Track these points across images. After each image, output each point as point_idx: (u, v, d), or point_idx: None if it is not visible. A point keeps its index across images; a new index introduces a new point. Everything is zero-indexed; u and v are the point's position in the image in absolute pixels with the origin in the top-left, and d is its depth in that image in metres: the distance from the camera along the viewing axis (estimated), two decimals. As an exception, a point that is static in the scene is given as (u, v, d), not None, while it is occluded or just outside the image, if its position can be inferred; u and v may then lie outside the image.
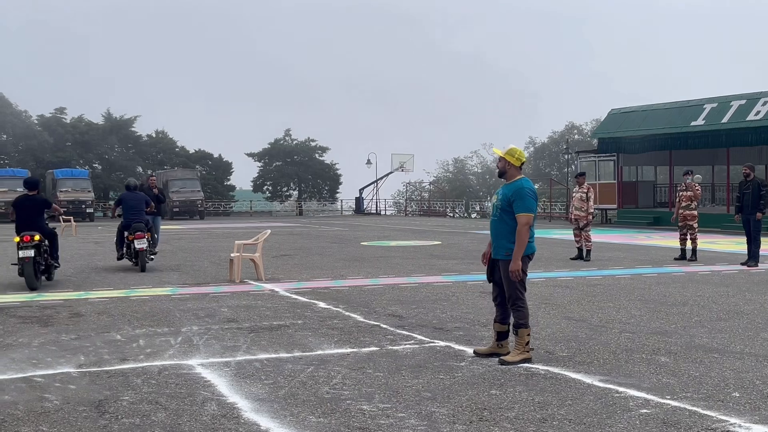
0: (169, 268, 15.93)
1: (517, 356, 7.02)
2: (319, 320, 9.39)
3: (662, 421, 5.20)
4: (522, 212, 7.04)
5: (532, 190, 7.20)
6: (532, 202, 7.11)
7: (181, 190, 50.20)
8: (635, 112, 36.05)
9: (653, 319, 9.36)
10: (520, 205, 7.06)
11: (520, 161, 7.28)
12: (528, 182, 7.27)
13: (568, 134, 76.25)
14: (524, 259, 7.10)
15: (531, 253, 7.21)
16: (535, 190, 7.27)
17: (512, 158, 7.26)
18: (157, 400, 5.85)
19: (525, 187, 7.16)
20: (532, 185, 7.30)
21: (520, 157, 7.29)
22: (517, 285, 7.10)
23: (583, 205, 17.45)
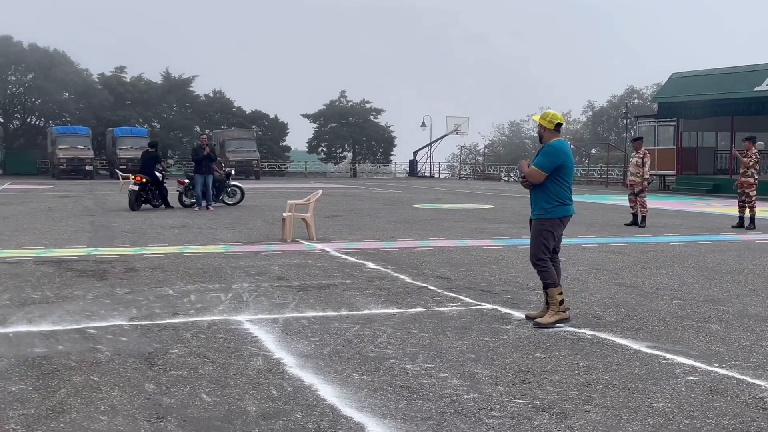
0: (222, 226, 16.15)
1: (552, 317, 7.00)
2: (367, 280, 9.44)
3: (708, 389, 5.13)
4: (534, 166, 7.18)
5: (555, 148, 7.13)
6: (545, 159, 7.11)
7: (237, 150, 50.65)
8: (697, 77, 35.16)
9: (706, 286, 9.20)
10: (536, 160, 7.21)
11: (553, 123, 7.24)
12: (558, 143, 7.20)
13: (628, 98, 74.75)
14: (555, 221, 7.10)
15: (564, 216, 7.18)
16: (563, 149, 7.14)
17: (545, 121, 7.26)
18: (205, 353, 5.97)
19: (548, 146, 7.19)
20: (560, 144, 7.19)
21: (552, 119, 7.25)
22: (540, 245, 7.13)
23: (639, 170, 17.11)
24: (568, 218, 7.26)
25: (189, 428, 4.37)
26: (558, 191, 7.13)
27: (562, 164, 7.12)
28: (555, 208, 7.14)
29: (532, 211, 7.31)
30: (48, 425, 4.41)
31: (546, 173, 7.12)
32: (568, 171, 7.21)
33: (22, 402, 4.80)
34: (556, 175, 7.13)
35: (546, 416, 4.60)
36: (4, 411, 4.63)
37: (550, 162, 7.11)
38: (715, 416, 4.60)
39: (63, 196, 27.35)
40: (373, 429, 4.39)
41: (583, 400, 4.91)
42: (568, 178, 7.21)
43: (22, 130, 59.40)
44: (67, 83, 57.45)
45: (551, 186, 7.14)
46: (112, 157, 49.46)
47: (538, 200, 7.22)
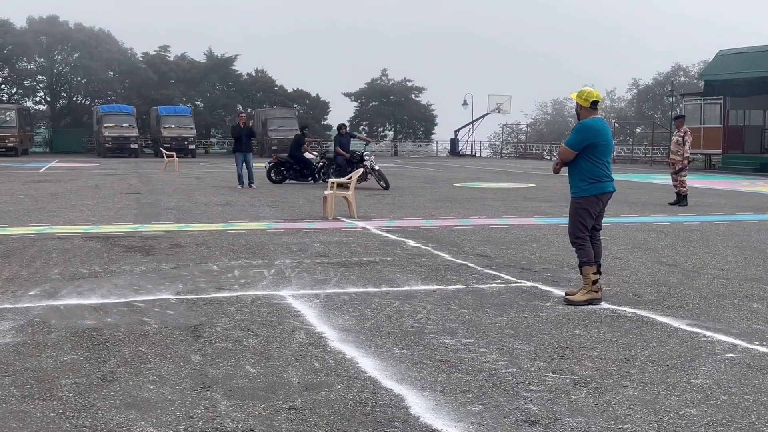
0: (265, 204, 16.33)
1: (584, 296, 7.02)
2: (407, 258, 9.53)
3: (748, 366, 5.14)
4: (564, 144, 7.28)
5: (585, 126, 7.12)
6: (574, 137, 7.15)
7: (279, 129, 50.89)
8: (744, 54, 34.46)
9: (749, 266, 9.13)
10: (568, 138, 7.28)
11: (589, 101, 7.20)
12: (591, 121, 7.16)
13: (674, 76, 73.54)
14: (591, 198, 7.12)
15: (601, 193, 7.16)
16: (594, 127, 7.10)
17: (581, 99, 7.25)
18: (249, 327, 6.11)
19: (580, 123, 7.20)
20: (593, 123, 7.14)
21: (588, 97, 7.21)
22: (577, 224, 7.15)
23: (679, 149, 16.90)
24: (606, 195, 7.24)
25: (234, 398, 4.50)
26: (592, 169, 7.12)
27: (595, 142, 7.09)
28: (590, 186, 7.13)
29: (570, 190, 7.32)
30: (99, 393, 4.57)
31: (575, 151, 7.13)
32: (604, 149, 7.16)
33: (74, 371, 4.98)
34: (589, 153, 7.11)
35: (584, 391, 4.65)
36: (57, 380, 4.81)
37: (580, 140, 7.11)
38: (753, 392, 4.62)
39: (109, 174, 27.82)
40: (412, 400, 4.48)
41: (621, 375, 4.95)
42: (603, 156, 7.17)
43: (68, 109, 60.30)
44: (112, 62, 58.15)
45: (584, 164, 7.14)
46: (156, 135, 49.99)
47: (574, 179, 7.24)
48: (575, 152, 7.15)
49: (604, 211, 7.41)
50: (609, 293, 7.42)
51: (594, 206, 7.19)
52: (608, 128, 7.34)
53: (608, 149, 7.26)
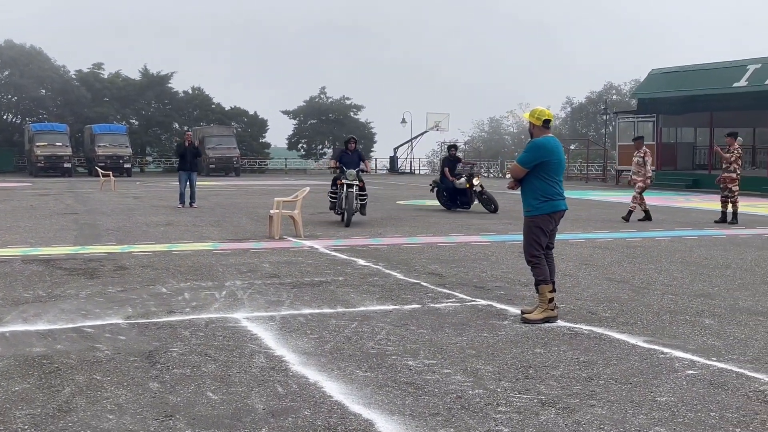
0: (208, 224, 16.09)
1: (540, 314, 7.05)
2: (359, 277, 9.46)
3: (709, 383, 5.20)
4: (516, 161, 7.36)
5: (536, 144, 7.18)
6: (525, 155, 7.20)
7: (217, 147, 50.45)
8: (676, 73, 35.43)
9: (695, 281, 9.30)
10: (519, 156, 7.38)
11: (541, 120, 7.26)
12: (542, 139, 7.21)
13: (606, 94, 75.18)
14: (544, 216, 7.16)
15: (554, 212, 7.20)
16: (545, 146, 7.15)
17: (533, 118, 7.31)
18: (206, 351, 5.96)
19: (531, 142, 7.27)
20: (544, 141, 7.19)
21: (540, 116, 7.27)
22: (532, 242, 7.19)
23: (640, 169, 17.37)
24: (558, 214, 7.28)
25: (198, 426, 4.37)
26: (544, 187, 7.18)
27: (547, 161, 7.14)
28: (543, 204, 7.18)
29: (523, 209, 7.36)
30: (56, 425, 4.38)
31: (526, 168, 7.18)
32: (555, 167, 7.21)
33: (27, 402, 4.77)
34: (541, 171, 7.16)
35: (552, 411, 4.64)
36: (10, 411, 4.60)
37: (531, 158, 7.17)
38: (718, 409, 4.66)
39: (43, 194, 27.13)
40: (382, 425, 4.41)
41: (587, 394, 4.95)
42: (555, 174, 7.22)
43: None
44: (44, 80, 56.95)
45: (537, 182, 7.19)
46: (90, 154, 49.04)
47: (527, 197, 7.28)
48: (526, 170, 7.19)
49: (556, 230, 7.46)
50: (564, 311, 7.46)
51: (547, 224, 7.23)
52: (560, 147, 7.38)
53: (560, 167, 7.31)
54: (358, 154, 16.82)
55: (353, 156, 16.60)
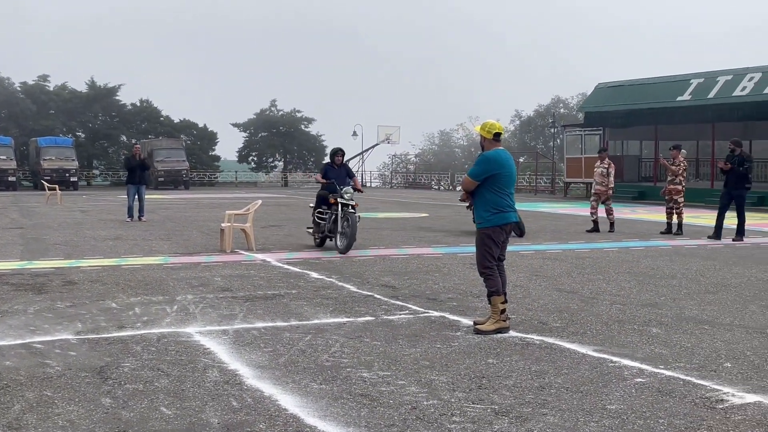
0: (158, 237, 15.93)
1: (493, 325, 7.14)
2: (313, 290, 9.45)
3: (657, 390, 5.31)
4: (467, 174, 7.46)
5: (486, 157, 7.29)
6: (476, 168, 7.31)
7: (166, 160, 49.99)
8: (622, 87, 36.14)
9: (643, 291, 9.48)
10: (470, 169, 7.47)
11: (491, 133, 7.38)
12: (493, 152, 7.32)
13: (554, 108, 76.26)
14: (496, 228, 7.25)
15: (505, 223, 7.29)
16: (495, 158, 7.26)
17: (484, 132, 7.43)
18: (159, 366, 5.90)
19: (481, 155, 7.38)
20: (494, 154, 7.30)
21: (490, 129, 7.39)
22: (485, 254, 7.27)
23: (604, 179, 17.71)
24: (509, 226, 7.38)
25: (152, 442, 4.33)
26: (495, 199, 7.27)
27: (497, 173, 7.24)
28: (493, 216, 7.27)
29: (475, 221, 7.45)
30: (6, 443, 4.31)
31: (477, 181, 7.29)
32: (506, 180, 7.31)
33: (-25, 420, 4.68)
34: (492, 184, 7.26)
35: (506, 420, 4.70)
36: (-43, 429, 4.51)
37: (481, 170, 7.27)
38: (666, 416, 4.77)
39: (-13, 207, 26.56)
40: (338, 437, 4.42)
41: (539, 403, 5.03)
42: (506, 187, 7.31)
43: (-60, 141, 57.43)
44: (-13, 92, 55.86)
45: (488, 195, 7.28)
46: (36, 167, 48.19)
47: (478, 210, 7.37)
48: (477, 182, 7.29)
49: (507, 241, 7.56)
50: (515, 321, 7.55)
51: (498, 236, 7.32)
52: (511, 160, 7.48)
53: (511, 180, 7.40)
54: (346, 169, 14.45)
55: (341, 171, 14.21)
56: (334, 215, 13.37)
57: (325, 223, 13.68)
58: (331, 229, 13.49)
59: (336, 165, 14.26)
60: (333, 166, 14.25)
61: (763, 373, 5.75)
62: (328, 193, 13.80)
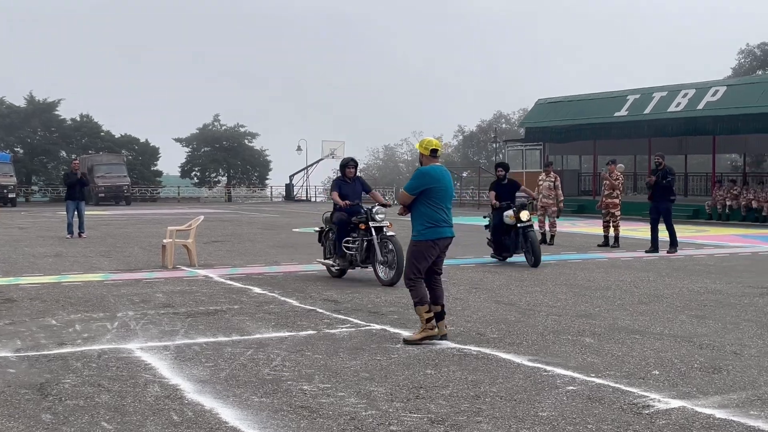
0: (98, 254, 15.78)
1: (419, 334, 7.33)
2: (255, 305, 9.51)
3: (587, 397, 5.52)
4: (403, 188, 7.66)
5: (421, 172, 7.52)
6: (411, 182, 7.54)
7: (106, 175, 49.30)
8: (561, 103, 36.87)
9: (578, 302, 9.75)
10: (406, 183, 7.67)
11: (428, 149, 7.59)
12: (428, 167, 7.54)
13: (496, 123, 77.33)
14: (428, 242, 7.42)
15: (438, 238, 7.45)
16: (430, 173, 7.46)
17: (422, 148, 7.65)
18: (99, 382, 5.92)
19: (417, 170, 7.62)
20: (429, 169, 7.51)
21: (427, 145, 7.61)
22: (411, 266, 7.47)
23: (551, 193, 18.12)
24: (443, 240, 7.52)
25: (93, 456, 4.37)
26: (430, 213, 7.45)
27: (431, 188, 7.43)
28: (427, 230, 7.45)
29: (411, 233, 7.65)
30: (-56, 460, 4.31)
31: (412, 195, 7.50)
32: (441, 195, 7.48)
33: None
34: (427, 198, 7.45)
35: (441, 428, 4.84)
36: None
37: (416, 185, 7.48)
38: (595, 422, 4.97)
39: None
40: (277, 448, 4.51)
41: (474, 412, 5.19)
42: (441, 201, 7.48)
43: None
44: None
45: (423, 209, 7.48)
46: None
47: (414, 222, 7.57)
48: (412, 196, 7.49)
49: (444, 255, 7.72)
50: (454, 333, 7.72)
51: (429, 250, 7.46)
52: (446, 175, 7.65)
53: (446, 195, 7.55)
54: (361, 182, 12.46)
55: (355, 186, 12.22)
56: (367, 242, 11.40)
57: (356, 252, 11.54)
58: (364, 259, 11.47)
59: (348, 179, 12.14)
60: (345, 180, 12.19)
61: (688, 380, 6.01)
62: (349, 216, 11.78)
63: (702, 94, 30.41)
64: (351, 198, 11.95)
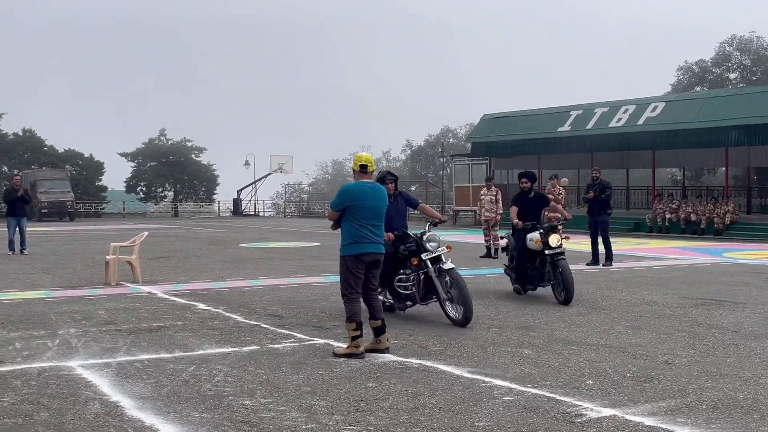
0: (40, 271, 15.58)
1: (344, 350, 7.48)
2: (199, 321, 9.51)
3: (523, 407, 5.67)
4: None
5: (342, 189, 7.75)
6: (334, 199, 7.72)
7: (49, 191, 48.54)
8: (506, 118, 37.40)
9: (519, 315, 9.94)
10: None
11: (357, 165, 7.73)
12: (350, 185, 7.77)
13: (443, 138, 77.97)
14: (351, 257, 7.53)
15: (359, 253, 7.53)
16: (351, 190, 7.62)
17: (354, 164, 7.80)
18: (39, 400, 5.89)
19: (342, 186, 7.87)
20: (350, 186, 7.72)
21: (356, 161, 7.77)
22: (343, 281, 7.61)
23: (493, 206, 18.49)
24: (366, 255, 7.54)
25: (30, 474, 4.37)
26: (352, 230, 7.55)
27: (352, 205, 7.54)
28: (349, 245, 7.56)
29: None
30: None
31: (335, 211, 7.67)
32: (362, 212, 7.53)
33: None
34: (350, 215, 7.56)
35: (380, 440, 4.94)
36: None
37: (338, 201, 7.67)
38: (529, 431, 5.11)
39: None
40: (217, 462, 4.56)
41: (412, 423, 5.30)
42: (363, 219, 7.52)
43: None
44: None
45: (346, 225, 7.61)
46: None
47: (341, 238, 7.70)
48: (336, 213, 7.66)
49: (377, 271, 7.76)
50: (396, 346, 7.83)
51: (354, 266, 7.54)
52: (371, 192, 7.61)
53: (368, 213, 7.54)
54: (405, 198, 10.34)
55: (398, 204, 10.00)
56: (424, 275, 9.36)
57: (413, 291, 9.45)
58: (424, 296, 9.50)
59: (389, 197, 9.03)
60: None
61: (620, 389, 6.20)
62: (395, 248, 9.58)
63: (642, 110, 31.13)
64: (395, 220, 9.76)
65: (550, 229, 11.15)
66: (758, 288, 12.60)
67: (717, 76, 55.04)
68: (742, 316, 9.70)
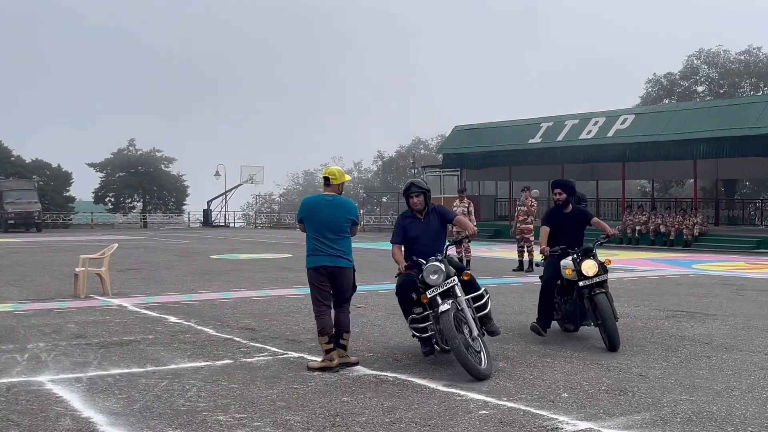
0: (7, 283, 15.34)
1: (317, 364, 7.46)
2: (170, 335, 9.41)
3: (499, 421, 5.66)
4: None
5: (301, 202, 7.81)
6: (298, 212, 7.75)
7: (16, 202, 48.00)
8: (478, 129, 37.57)
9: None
10: None
11: (323, 176, 7.80)
12: (309, 197, 7.90)
13: (415, 149, 78.14)
14: (309, 270, 7.58)
15: (314, 266, 7.54)
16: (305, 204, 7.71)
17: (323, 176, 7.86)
18: (8, 416, 5.78)
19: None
20: (306, 199, 7.82)
21: (323, 173, 7.84)
22: (310, 295, 7.66)
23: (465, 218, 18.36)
24: (319, 268, 7.51)
25: (0, 494, 4.28)
26: (308, 242, 7.62)
27: (305, 216, 7.63)
28: (307, 258, 7.63)
29: None
30: None
31: (298, 223, 7.77)
32: (313, 224, 7.54)
33: None
34: (307, 227, 7.63)
35: (357, 456, 4.90)
36: None
37: (298, 213, 7.77)
38: (506, 445, 5.11)
39: None
40: (192, 480, 4.50)
41: (389, 438, 5.27)
42: (314, 231, 7.53)
43: None
44: None
45: (306, 238, 7.67)
46: None
47: None
48: (300, 224, 7.73)
49: (343, 285, 7.62)
50: (371, 359, 7.80)
51: (315, 278, 7.55)
52: (327, 204, 7.55)
53: (319, 225, 7.51)
54: (439, 213, 8.13)
55: (429, 222, 8.02)
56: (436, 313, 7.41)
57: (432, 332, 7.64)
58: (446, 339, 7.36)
59: (418, 213, 8.03)
60: (413, 215, 8.09)
61: (595, 402, 6.22)
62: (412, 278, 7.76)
63: (612, 122, 31.43)
64: (422, 242, 7.91)
65: (586, 252, 8.88)
66: (728, 299, 12.73)
67: (685, 89, 55.76)
68: (713, 328, 9.79)
